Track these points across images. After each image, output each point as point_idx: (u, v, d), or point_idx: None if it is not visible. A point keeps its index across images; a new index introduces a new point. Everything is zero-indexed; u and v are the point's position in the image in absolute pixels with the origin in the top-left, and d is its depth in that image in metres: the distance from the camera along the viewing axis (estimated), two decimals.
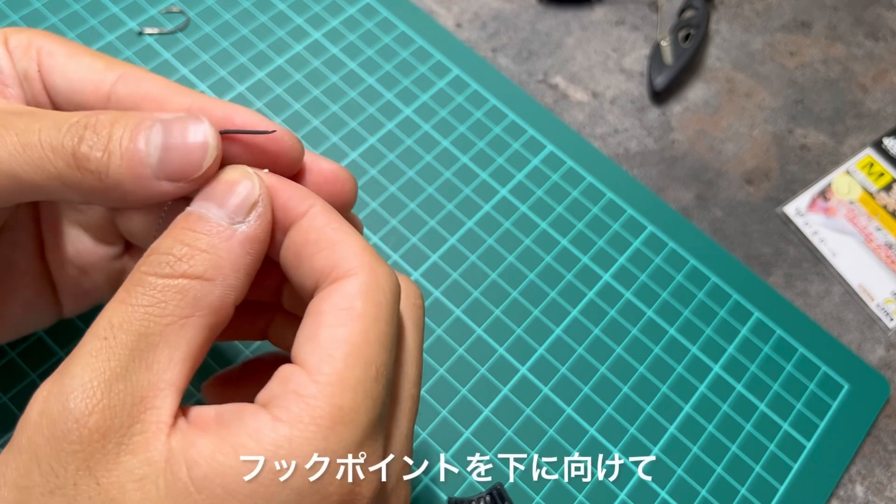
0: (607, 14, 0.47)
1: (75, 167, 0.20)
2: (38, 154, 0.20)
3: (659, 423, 0.34)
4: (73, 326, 0.32)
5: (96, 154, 0.20)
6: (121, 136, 0.20)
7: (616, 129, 0.43)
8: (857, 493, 0.35)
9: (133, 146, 0.20)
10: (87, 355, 0.18)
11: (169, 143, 0.20)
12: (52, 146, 0.20)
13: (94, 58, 0.24)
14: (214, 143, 0.21)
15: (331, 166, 0.23)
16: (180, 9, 0.41)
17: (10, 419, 0.30)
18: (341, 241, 0.20)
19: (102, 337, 0.18)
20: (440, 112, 0.41)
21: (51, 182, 0.20)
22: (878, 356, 0.38)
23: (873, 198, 0.42)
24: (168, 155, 0.20)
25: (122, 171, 0.20)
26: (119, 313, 0.18)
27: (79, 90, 0.23)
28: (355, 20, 0.43)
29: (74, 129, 0.20)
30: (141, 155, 0.20)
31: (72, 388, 0.17)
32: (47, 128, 0.20)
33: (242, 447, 0.17)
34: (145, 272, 0.19)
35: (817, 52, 0.48)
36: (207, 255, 0.19)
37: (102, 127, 0.20)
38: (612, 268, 0.38)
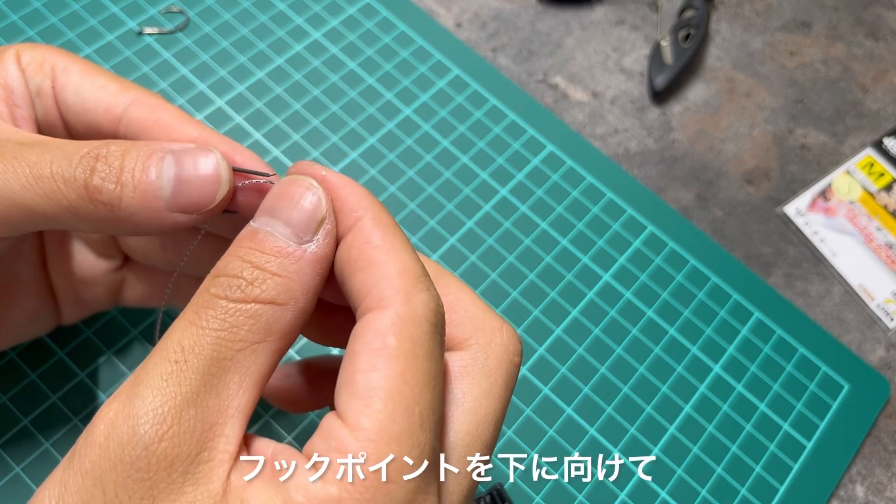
0: (607, 14, 0.47)
1: (88, 199, 0.20)
2: (51, 186, 0.20)
3: (659, 423, 0.34)
4: (74, 328, 0.32)
5: (109, 186, 0.20)
6: (133, 168, 0.20)
7: (616, 128, 0.43)
8: (857, 493, 0.34)
9: (145, 178, 0.20)
10: (157, 378, 0.17)
11: (181, 175, 0.20)
12: (64, 178, 0.20)
13: (109, 79, 0.24)
14: (227, 176, 0.21)
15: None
16: (180, 9, 0.41)
17: (10, 419, 0.30)
18: (379, 262, 0.19)
19: (173, 360, 0.17)
20: (440, 112, 0.41)
21: (63, 213, 0.20)
22: (878, 356, 0.38)
23: (873, 198, 0.42)
24: (181, 187, 0.20)
25: (135, 203, 0.20)
26: (190, 336, 0.18)
27: (91, 110, 0.24)
28: (355, 20, 0.43)
29: (86, 160, 0.20)
30: (154, 187, 0.20)
31: (141, 413, 0.17)
32: (58, 160, 0.20)
33: (293, 501, 0.17)
34: (215, 294, 0.18)
35: (817, 51, 0.48)
36: (279, 280, 0.18)
37: (114, 158, 0.20)
38: (612, 268, 0.38)
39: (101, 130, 0.24)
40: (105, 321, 0.32)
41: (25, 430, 0.30)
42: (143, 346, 0.32)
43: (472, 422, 0.20)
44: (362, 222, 0.20)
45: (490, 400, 0.20)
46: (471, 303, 0.21)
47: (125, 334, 0.32)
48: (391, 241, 0.19)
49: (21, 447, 0.29)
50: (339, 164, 0.38)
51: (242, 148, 0.23)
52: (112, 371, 0.31)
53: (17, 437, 0.30)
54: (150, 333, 0.32)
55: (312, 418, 0.32)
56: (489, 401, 0.20)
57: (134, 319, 0.33)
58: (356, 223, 0.20)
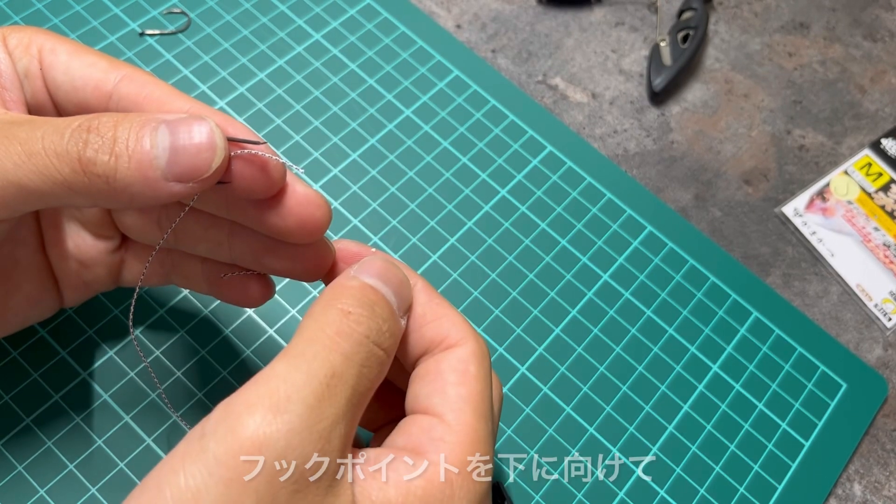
0: (606, 15, 0.48)
1: (82, 172, 0.20)
2: (44, 162, 0.20)
3: (658, 422, 0.34)
4: (77, 327, 0.32)
5: (103, 157, 0.20)
6: (126, 138, 0.20)
7: (615, 129, 0.43)
8: (855, 491, 0.35)
9: (140, 147, 0.20)
10: (311, 397, 0.19)
11: (176, 143, 0.20)
12: (57, 152, 0.20)
13: (97, 56, 0.24)
14: (222, 144, 0.21)
15: (306, 190, 0.24)
16: (181, 10, 0.42)
17: (12, 419, 0.30)
18: (447, 315, 0.24)
19: (326, 384, 0.19)
20: (440, 113, 0.41)
21: (58, 189, 0.20)
22: (875, 356, 0.38)
23: (871, 198, 0.42)
24: (176, 156, 0.20)
25: (131, 173, 0.20)
26: (340, 364, 0.20)
27: (81, 87, 0.23)
28: (355, 21, 0.43)
29: (77, 133, 0.20)
30: (149, 156, 0.20)
31: (297, 430, 0.18)
32: (50, 134, 0.20)
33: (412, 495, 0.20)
34: (357, 324, 0.21)
35: (815, 53, 0.48)
36: (393, 339, 0.22)
37: (106, 129, 0.20)
38: (612, 268, 0.38)
39: (91, 108, 0.24)
40: (107, 320, 0.32)
41: (28, 428, 0.30)
42: (145, 345, 0.32)
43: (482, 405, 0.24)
44: (419, 287, 0.24)
45: (487, 383, 0.24)
46: (455, 314, 0.25)
47: (127, 334, 0.32)
48: (444, 300, 0.25)
49: (23, 446, 0.29)
50: (340, 165, 0.38)
51: (234, 120, 0.23)
52: (114, 370, 0.31)
53: (19, 435, 0.30)
54: (151, 334, 0.33)
55: None
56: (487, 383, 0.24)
57: (135, 319, 0.33)
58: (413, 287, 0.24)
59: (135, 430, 0.30)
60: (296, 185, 0.23)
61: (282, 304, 0.34)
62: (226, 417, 0.18)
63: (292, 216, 0.23)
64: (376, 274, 0.23)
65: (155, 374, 0.32)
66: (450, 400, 0.22)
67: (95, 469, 0.29)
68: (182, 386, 0.32)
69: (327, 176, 0.38)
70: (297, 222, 0.23)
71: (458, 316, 0.24)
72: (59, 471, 0.29)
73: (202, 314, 0.33)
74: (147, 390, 0.31)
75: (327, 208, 0.24)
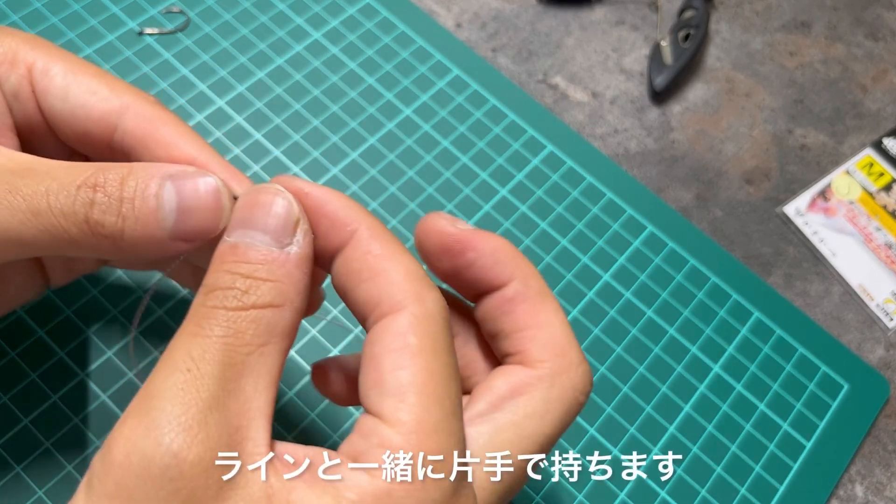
0: (607, 14, 0.47)
1: (89, 232, 0.20)
2: (50, 221, 0.19)
3: (659, 422, 0.34)
4: (76, 327, 0.32)
5: (110, 219, 0.20)
6: (132, 198, 0.20)
7: (616, 129, 0.43)
8: (856, 492, 0.35)
9: (147, 209, 0.20)
10: (172, 388, 0.17)
11: (184, 204, 0.20)
12: (64, 213, 0.19)
13: (97, 80, 0.23)
14: (229, 204, 0.20)
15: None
16: (180, 9, 0.41)
17: (10, 419, 0.30)
18: (383, 270, 0.19)
19: (185, 369, 0.17)
20: (440, 112, 0.41)
21: (62, 245, 0.20)
22: (877, 356, 0.38)
23: (873, 198, 0.42)
24: (184, 217, 0.20)
25: (137, 235, 0.20)
26: (197, 345, 0.18)
27: (82, 118, 0.23)
28: (355, 20, 0.43)
29: (83, 192, 0.19)
30: (156, 218, 0.20)
31: (164, 423, 0.16)
32: (55, 192, 0.19)
33: (345, 499, 0.17)
34: (213, 306, 0.18)
35: (817, 52, 0.48)
36: (271, 284, 0.19)
37: (112, 188, 0.20)
38: (612, 268, 0.38)
39: (92, 138, 0.23)
40: (105, 321, 0.32)
41: (26, 429, 0.30)
42: (144, 346, 0.32)
43: (515, 433, 0.20)
44: (358, 234, 0.20)
45: (542, 422, 0.21)
46: (560, 330, 0.21)
47: (126, 334, 0.32)
48: (390, 248, 0.20)
49: (21, 447, 0.29)
50: (340, 165, 0.38)
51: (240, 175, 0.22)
52: (112, 371, 0.31)
53: (17, 436, 0.30)
54: (152, 334, 0.32)
55: (313, 417, 0.32)
56: (541, 422, 0.21)
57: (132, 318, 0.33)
58: (351, 236, 0.20)
59: None
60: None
61: None
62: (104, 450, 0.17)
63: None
64: (238, 222, 0.19)
65: None
66: (388, 392, 0.18)
67: None
68: None
69: (327, 175, 0.38)
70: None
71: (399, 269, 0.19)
72: (57, 472, 0.29)
73: None
74: None
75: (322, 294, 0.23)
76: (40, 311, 0.32)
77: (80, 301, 0.33)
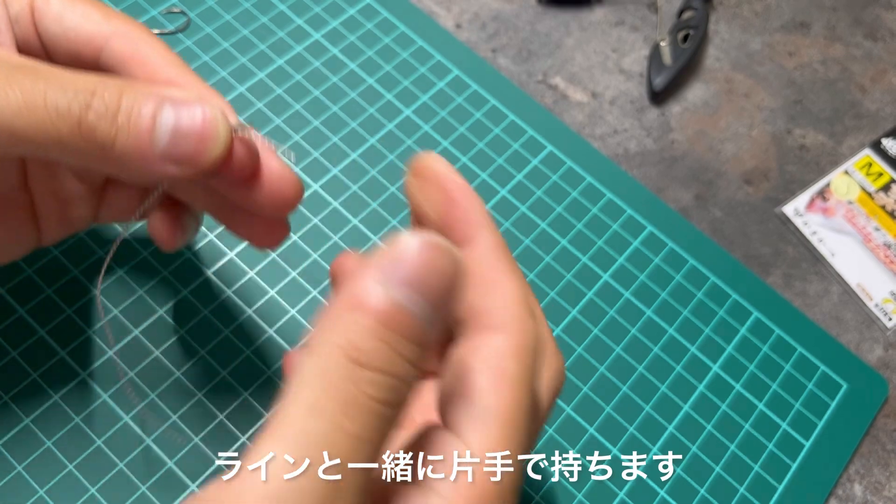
0: (607, 15, 0.47)
1: (80, 135, 0.20)
2: (43, 116, 0.20)
3: (658, 422, 0.34)
4: (76, 327, 0.32)
5: (103, 125, 0.20)
6: (129, 111, 0.20)
7: (615, 129, 0.43)
8: (855, 492, 0.35)
9: (142, 124, 0.20)
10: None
11: (180, 127, 0.20)
12: (58, 110, 0.20)
13: (91, 7, 0.24)
14: (224, 136, 0.21)
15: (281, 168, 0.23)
16: (181, 9, 0.42)
17: (12, 419, 0.30)
18: (498, 284, 0.19)
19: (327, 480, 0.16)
20: (440, 112, 0.41)
21: (51, 144, 0.20)
22: (876, 356, 0.38)
23: (872, 198, 0.42)
24: (177, 139, 0.20)
25: (129, 147, 0.20)
26: (346, 448, 0.16)
27: (73, 39, 0.23)
28: (355, 21, 0.43)
29: (82, 95, 0.20)
30: (150, 134, 0.20)
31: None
32: (53, 90, 0.20)
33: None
34: (379, 400, 0.16)
35: (816, 52, 0.48)
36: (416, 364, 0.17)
37: (111, 97, 0.20)
38: (612, 268, 0.38)
39: (82, 60, 0.23)
40: (107, 320, 0.32)
41: (27, 429, 0.30)
42: (145, 345, 0.32)
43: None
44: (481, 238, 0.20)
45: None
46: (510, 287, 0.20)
47: (126, 334, 0.32)
48: (508, 264, 0.20)
49: (23, 446, 0.30)
50: (340, 165, 0.38)
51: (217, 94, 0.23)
52: (113, 371, 0.31)
53: (18, 436, 0.30)
54: (152, 333, 0.33)
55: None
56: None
57: (135, 319, 0.33)
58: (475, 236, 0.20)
59: (134, 430, 0.30)
60: (271, 162, 0.23)
61: (281, 304, 0.34)
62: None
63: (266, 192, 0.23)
64: (408, 277, 0.16)
65: (154, 373, 0.32)
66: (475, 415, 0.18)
67: (95, 469, 0.29)
68: (181, 386, 0.32)
69: (327, 175, 0.38)
70: (270, 198, 0.23)
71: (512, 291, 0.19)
72: (58, 471, 0.29)
73: (202, 314, 0.33)
74: (147, 391, 0.31)
75: (300, 186, 0.23)
76: (42, 310, 0.32)
77: (81, 300, 0.33)
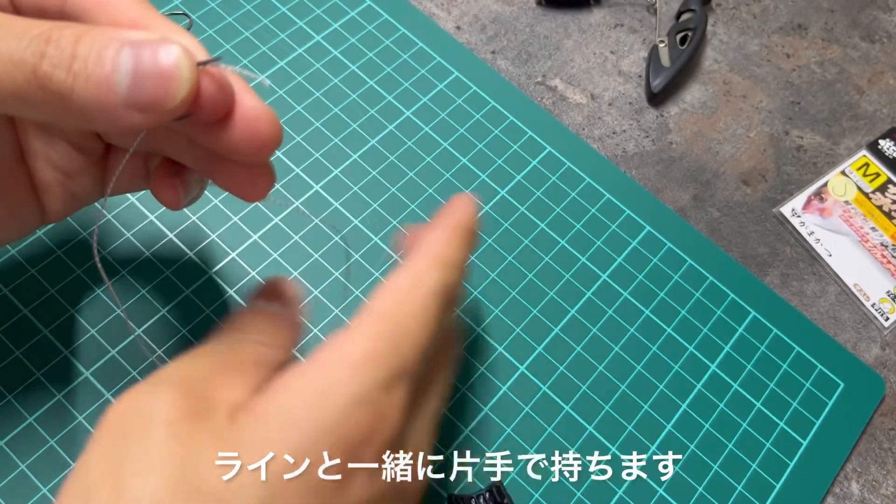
0: (605, 17, 0.48)
1: (36, 85, 0.19)
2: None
3: (656, 421, 0.34)
4: (80, 326, 0.32)
5: (59, 74, 0.19)
6: (86, 57, 0.19)
7: (614, 130, 0.43)
8: (852, 490, 0.35)
9: (99, 69, 0.19)
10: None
11: (139, 69, 0.19)
12: (12, 59, 0.19)
13: None
14: (189, 75, 0.19)
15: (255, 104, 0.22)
16: (183, 11, 0.42)
17: (15, 418, 0.30)
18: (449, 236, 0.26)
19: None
20: (440, 114, 0.41)
21: (7, 97, 0.19)
22: (873, 355, 0.38)
23: (868, 198, 0.42)
24: (138, 83, 0.19)
25: (88, 95, 0.19)
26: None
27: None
28: (356, 22, 0.43)
29: (36, 43, 0.19)
30: (109, 80, 0.19)
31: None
32: (7, 38, 0.19)
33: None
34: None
35: (813, 54, 0.48)
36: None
37: (66, 44, 0.19)
38: (611, 267, 0.38)
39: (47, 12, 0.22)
40: (109, 319, 0.33)
41: (30, 427, 0.30)
42: (146, 345, 0.32)
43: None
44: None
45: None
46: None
47: (127, 334, 0.32)
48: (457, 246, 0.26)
49: (26, 444, 0.30)
50: (340, 166, 0.39)
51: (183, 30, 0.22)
52: (116, 369, 0.32)
53: (21, 434, 0.30)
54: (155, 330, 0.33)
55: None
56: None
57: (138, 318, 0.33)
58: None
59: None
60: (245, 99, 0.22)
61: None
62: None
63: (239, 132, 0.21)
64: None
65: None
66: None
67: None
68: None
69: (328, 176, 0.38)
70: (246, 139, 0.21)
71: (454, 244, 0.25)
72: (61, 469, 0.29)
73: (204, 313, 0.33)
74: None
75: (277, 123, 0.22)
76: (44, 309, 0.32)
77: (84, 300, 0.33)
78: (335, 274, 0.35)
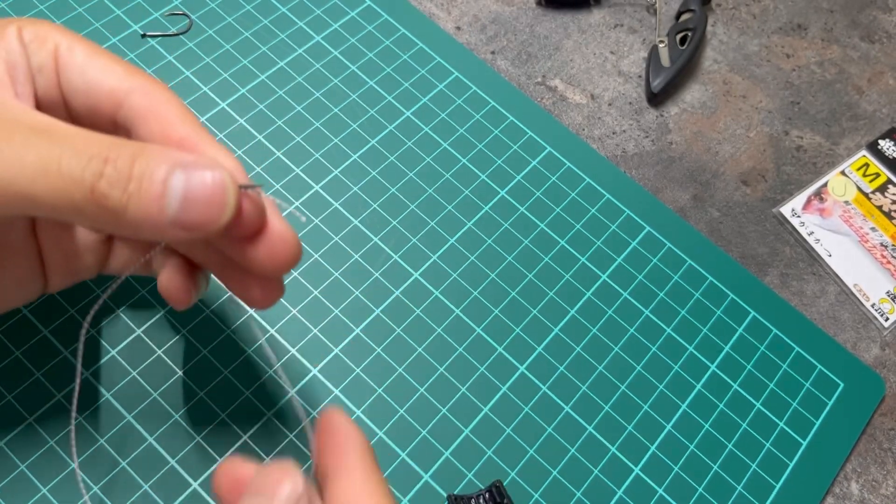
0: (605, 17, 0.48)
1: (93, 202, 0.20)
2: (57, 183, 0.20)
3: (656, 421, 0.34)
4: (80, 327, 0.32)
5: (115, 193, 0.20)
6: (141, 177, 0.20)
7: (614, 130, 0.43)
8: (852, 490, 0.35)
9: (154, 192, 0.20)
10: None
11: (189, 194, 0.20)
12: (73, 178, 0.20)
13: (115, 62, 0.24)
14: (233, 201, 0.21)
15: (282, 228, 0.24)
16: (183, 11, 0.42)
17: (15, 418, 0.30)
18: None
19: None
20: (440, 114, 0.41)
21: (64, 208, 0.20)
22: (873, 355, 0.38)
23: (868, 198, 0.42)
24: (188, 206, 0.20)
25: (140, 213, 0.20)
26: None
27: (94, 92, 0.24)
28: (356, 23, 0.43)
29: (95, 162, 0.20)
30: (161, 202, 0.20)
31: None
32: (68, 156, 0.20)
33: None
34: None
35: (813, 54, 0.48)
36: None
37: (123, 165, 0.20)
38: (610, 268, 0.38)
39: (100, 113, 0.24)
40: (108, 320, 0.33)
41: (30, 427, 0.30)
42: (145, 345, 0.32)
43: None
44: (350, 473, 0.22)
45: None
46: None
47: (129, 334, 0.33)
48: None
49: (25, 445, 0.30)
50: (340, 166, 0.39)
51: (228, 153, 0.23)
52: (115, 370, 0.32)
53: (21, 434, 0.30)
54: (154, 333, 0.33)
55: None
56: None
57: (137, 320, 0.33)
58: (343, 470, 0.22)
59: (137, 429, 0.31)
60: (273, 222, 0.23)
61: (283, 304, 0.34)
62: None
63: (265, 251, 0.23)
64: (255, 487, 0.21)
65: (157, 373, 0.32)
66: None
67: (98, 468, 0.30)
68: (183, 384, 0.32)
69: (328, 177, 0.38)
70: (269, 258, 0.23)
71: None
72: (61, 470, 0.29)
73: (203, 314, 0.33)
74: (149, 389, 0.31)
75: (298, 247, 0.24)
76: (44, 309, 0.32)
77: (84, 300, 0.33)
78: (335, 274, 0.36)
